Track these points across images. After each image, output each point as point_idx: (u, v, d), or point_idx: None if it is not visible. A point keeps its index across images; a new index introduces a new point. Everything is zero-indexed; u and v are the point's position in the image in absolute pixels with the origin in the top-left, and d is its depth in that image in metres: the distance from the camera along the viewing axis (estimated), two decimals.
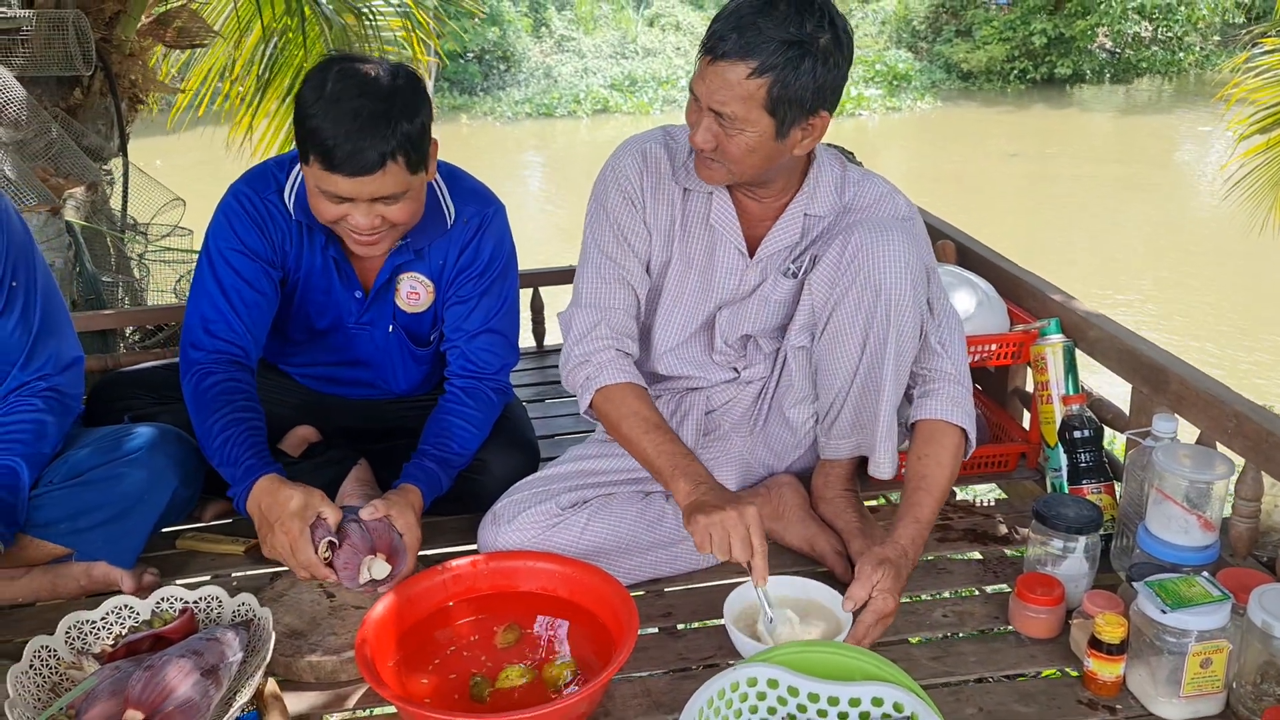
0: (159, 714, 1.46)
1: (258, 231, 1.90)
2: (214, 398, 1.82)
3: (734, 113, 1.63)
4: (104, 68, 3.73)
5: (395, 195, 1.73)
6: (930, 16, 18.32)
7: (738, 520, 1.57)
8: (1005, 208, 10.26)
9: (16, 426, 1.80)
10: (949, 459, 1.77)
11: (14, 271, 1.80)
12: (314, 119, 1.66)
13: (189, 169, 4.76)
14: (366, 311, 2.03)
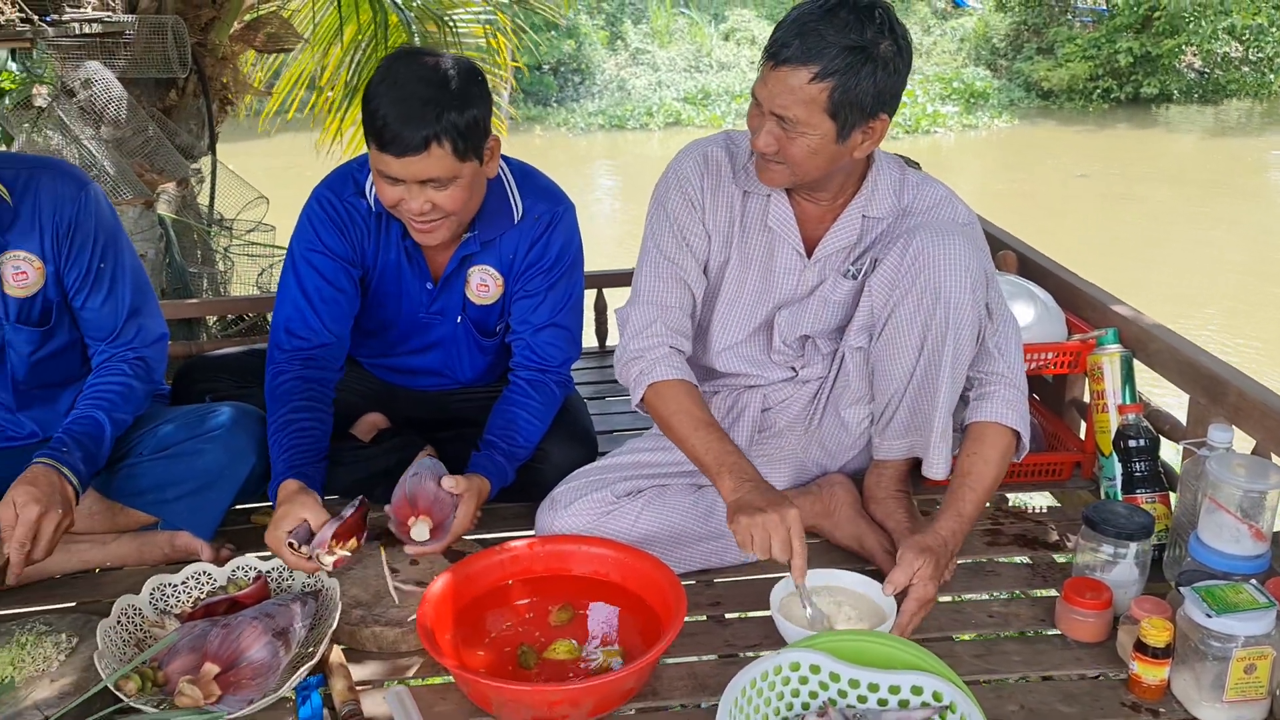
0: (233, 669, 1.56)
1: (338, 232, 2.00)
2: (278, 396, 1.94)
3: (796, 116, 1.67)
4: (198, 71, 3.92)
5: (443, 180, 1.81)
6: (1011, 34, 18.08)
7: (779, 522, 1.61)
8: (1077, 227, 10.08)
9: (105, 387, 1.92)
10: (997, 459, 1.79)
11: (103, 254, 1.93)
12: (373, 101, 1.77)
13: (274, 171, 4.95)
14: (436, 302, 2.12)
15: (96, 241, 1.91)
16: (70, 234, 1.88)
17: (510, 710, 1.54)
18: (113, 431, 1.90)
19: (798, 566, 1.62)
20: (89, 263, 1.91)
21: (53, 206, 1.87)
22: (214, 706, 1.53)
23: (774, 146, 1.73)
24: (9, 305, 1.88)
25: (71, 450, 1.81)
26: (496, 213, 2.02)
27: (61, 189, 1.88)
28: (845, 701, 1.47)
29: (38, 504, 1.70)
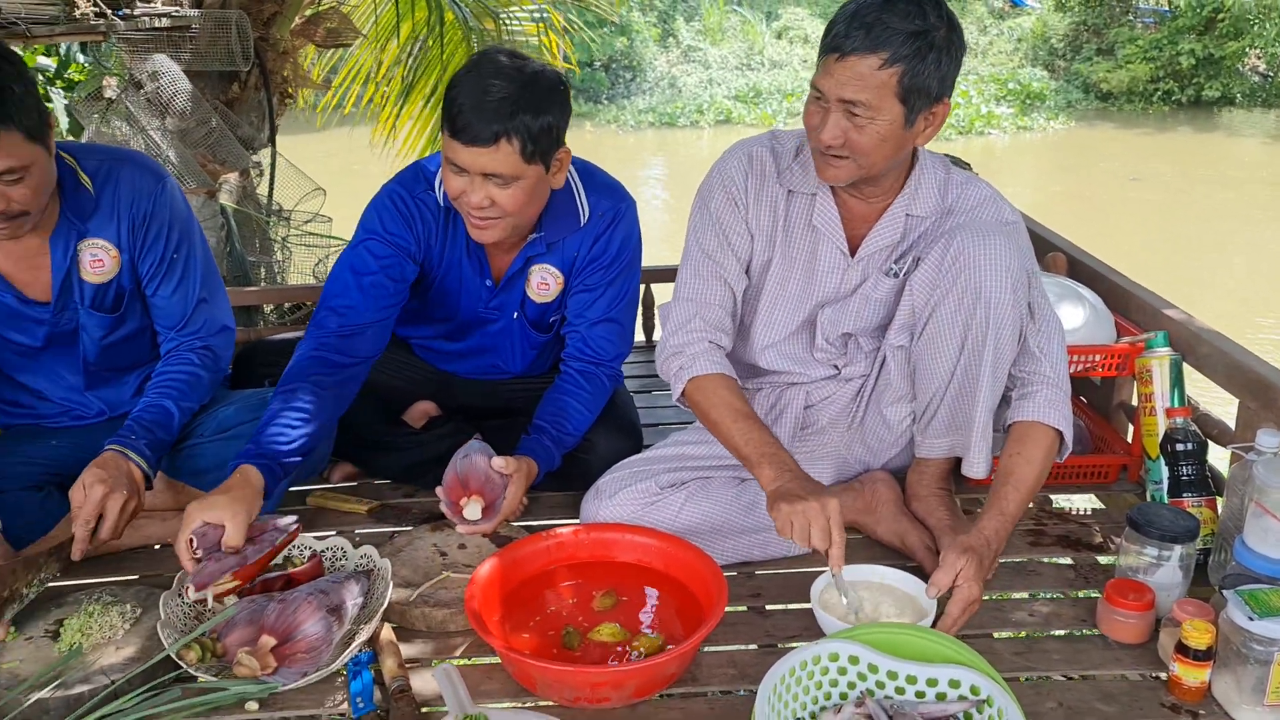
0: (289, 642, 1.62)
1: (405, 225, 2.04)
2: (300, 366, 1.94)
3: (867, 100, 1.69)
4: (260, 64, 4.02)
5: (506, 178, 1.85)
6: (1070, 34, 17.80)
7: (819, 510, 1.63)
8: (1134, 230, 9.92)
9: (173, 376, 2.00)
10: (1040, 458, 1.80)
11: (176, 245, 2.01)
12: (455, 89, 1.83)
13: (328, 164, 5.05)
14: (495, 298, 2.17)
15: (170, 233, 1.99)
16: (146, 224, 1.96)
17: (554, 690, 1.58)
18: (180, 419, 1.98)
19: (835, 555, 1.64)
20: (163, 253, 1.99)
21: (131, 197, 1.95)
22: (270, 677, 1.59)
23: (840, 139, 1.74)
24: (85, 291, 1.96)
25: (141, 437, 1.89)
26: (564, 215, 2.06)
27: (140, 181, 1.96)
28: (883, 692, 1.49)
29: (104, 485, 1.78)
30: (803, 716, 1.49)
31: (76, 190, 1.90)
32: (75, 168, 1.91)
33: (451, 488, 1.88)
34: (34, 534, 1.92)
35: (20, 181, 1.71)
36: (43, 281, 1.94)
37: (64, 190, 1.89)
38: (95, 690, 1.56)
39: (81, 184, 1.91)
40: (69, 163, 1.91)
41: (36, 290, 1.94)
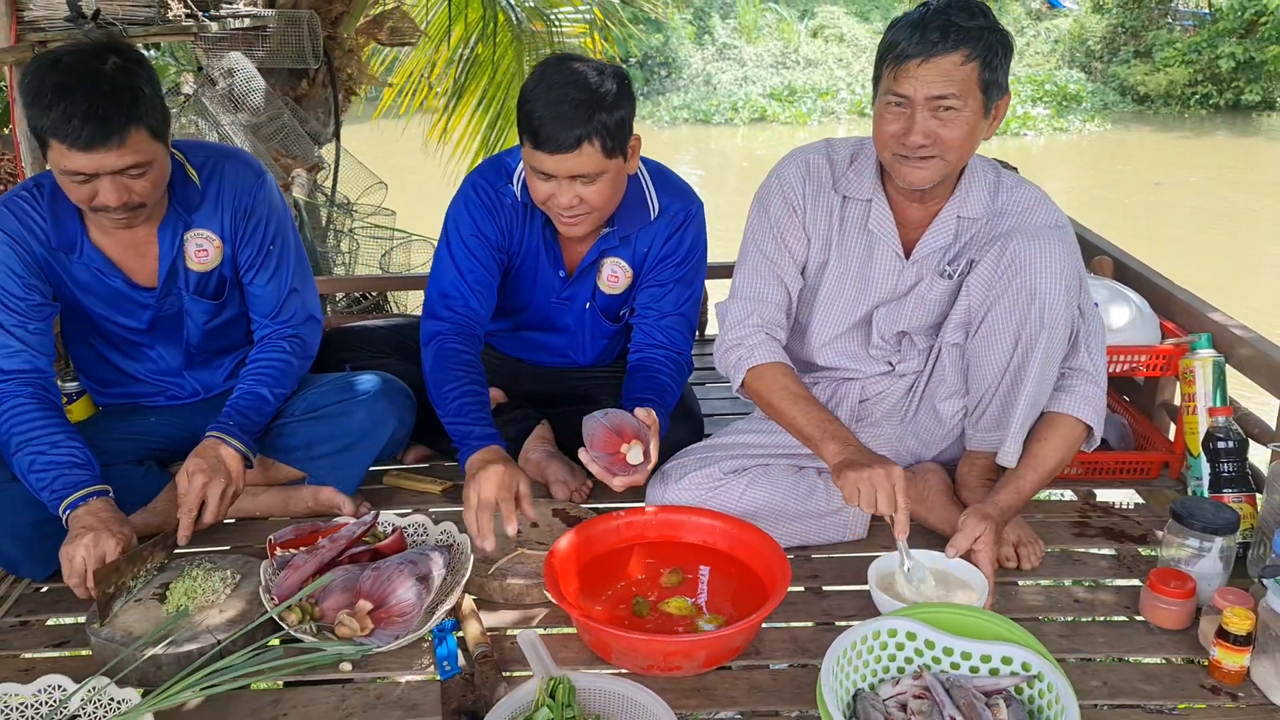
0: (383, 607, 1.75)
1: (490, 218, 2.17)
2: (454, 366, 2.07)
3: (958, 92, 1.79)
4: (328, 62, 4.16)
5: (591, 176, 1.97)
6: (1107, 36, 17.72)
7: (884, 478, 1.74)
8: (1172, 232, 9.90)
9: (267, 363, 2.13)
10: (1064, 447, 1.92)
11: (273, 238, 2.14)
12: (529, 103, 1.93)
13: (382, 159, 5.19)
14: (567, 288, 2.28)
15: (268, 226, 2.12)
16: (247, 217, 2.10)
17: (629, 659, 1.70)
18: (274, 405, 2.11)
19: (900, 521, 1.75)
20: (260, 244, 2.12)
21: (234, 192, 2.08)
22: (365, 639, 1.72)
23: (931, 137, 1.83)
24: (189, 278, 2.10)
25: (238, 424, 2.03)
26: (634, 209, 2.17)
27: (242, 176, 2.09)
28: (939, 667, 1.59)
29: (204, 475, 1.92)
30: (863, 687, 1.59)
31: (184, 184, 2.03)
32: (184, 162, 2.04)
33: (606, 440, 1.93)
34: (135, 504, 2.05)
35: (143, 176, 1.85)
36: (149, 268, 2.07)
37: (173, 183, 2.02)
38: (204, 649, 1.68)
39: (189, 178, 2.04)
40: (178, 158, 2.04)
41: (143, 276, 2.08)
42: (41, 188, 2.00)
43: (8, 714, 1.56)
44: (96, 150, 1.77)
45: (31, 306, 1.99)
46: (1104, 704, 1.64)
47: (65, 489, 1.85)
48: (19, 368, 1.96)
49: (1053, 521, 2.18)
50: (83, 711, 1.56)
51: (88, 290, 2.07)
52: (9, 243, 1.97)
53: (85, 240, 2.01)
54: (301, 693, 1.68)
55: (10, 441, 1.90)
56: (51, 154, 1.80)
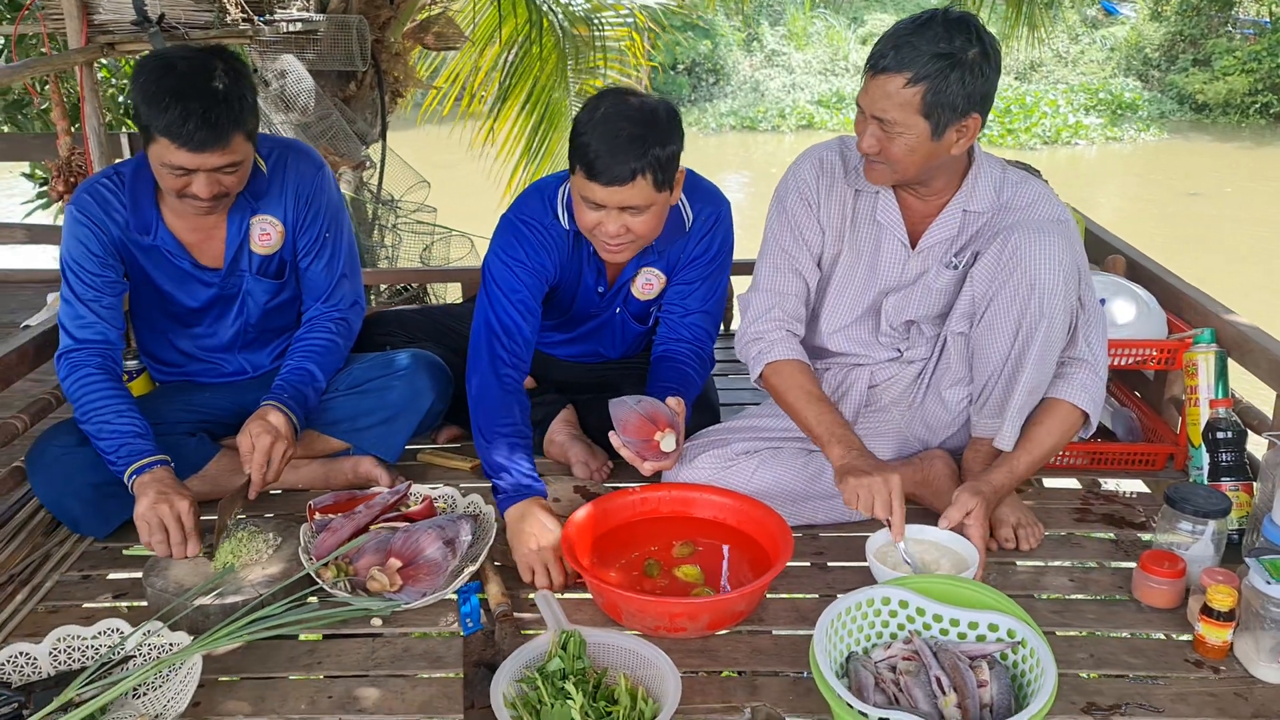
0: (412, 565, 1.88)
1: (544, 253, 2.25)
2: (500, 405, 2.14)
3: (893, 118, 1.88)
4: (375, 65, 4.34)
5: (640, 208, 2.06)
6: (1165, 44, 17.46)
7: (882, 484, 1.85)
8: (1219, 244, 9.79)
9: (315, 342, 2.29)
10: (1059, 431, 2.00)
11: (328, 225, 2.30)
12: (584, 136, 2.02)
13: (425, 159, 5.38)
14: (604, 299, 2.41)
15: (325, 214, 2.29)
16: (308, 205, 2.27)
17: (637, 620, 1.81)
18: (323, 380, 2.27)
19: (897, 525, 1.85)
20: (318, 231, 2.29)
21: (297, 181, 2.25)
22: (395, 595, 1.85)
23: (876, 148, 1.94)
24: (253, 260, 2.26)
25: (290, 395, 2.18)
26: (672, 226, 2.27)
27: (304, 166, 2.27)
28: (929, 633, 1.68)
29: (269, 435, 2.07)
30: (856, 651, 1.69)
31: (254, 172, 2.20)
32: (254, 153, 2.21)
33: (640, 427, 2.03)
34: (187, 471, 2.20)
35: (234, 172, 2.05)
36: (216, 250, 2.24)
37: None
38: (247, 600, 1.83)
39: (258, 167, 2.21)
40: None
41: (209, 258, 2.25)
42: (121, 176, 2.18)
43: (69, 652, 1.71)
44: (203, 152, 1.96)
45: (106, 283, 2.16)
46: (1089, 673, 1.72)
47: (131, 456, 2.01)
48: (91, 338, 2.13)
49: (1055, 507, 2.25)
50: (138, 652, 1.71)
51: (157, 269, 2.23)
52: (90, 225, 2.14)
53: (160, 224, 2.18)
54: (335, 644, 1.82)
55: (82, 407, 2.08)
56: (156, 148, 1.97)
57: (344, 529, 1.98)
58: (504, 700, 1.54)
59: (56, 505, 2.13)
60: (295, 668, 1.76)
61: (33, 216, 5.80)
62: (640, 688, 1.58)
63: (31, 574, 2.05)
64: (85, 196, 2.16)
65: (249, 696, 1.69)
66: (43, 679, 1.67)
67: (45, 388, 2.58)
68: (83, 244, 2.14)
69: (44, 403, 2.47)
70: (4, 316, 3.85)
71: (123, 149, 3.77)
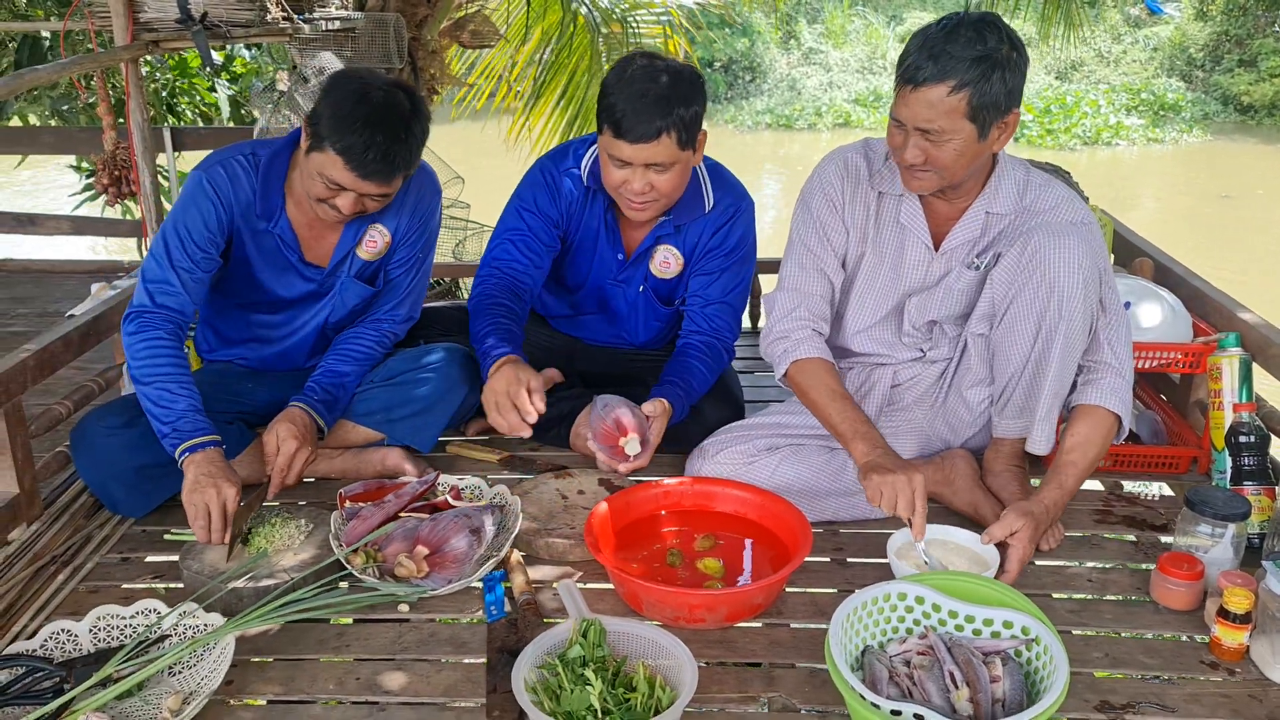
0: (439, 553, 1.93)
1: (550, 197, 2.39)
2: (484, 308, 2.31)
3: (940, 127, 1.90)
4: (411, 62, 4.41)
5: (665, 165, 2.15)
6: (1210, 44, 17.19)
7: (906, 483, 1.87)
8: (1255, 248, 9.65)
9: (358, 347, 2.35)
10: (1099, 439, 1.99)
11: (424, 246, 2.40)
12: (611, 96, 2.12)
13: (459, 155, 5.44)
14: (624, 270, 2.46)
15: (426, 235, 2.39)
16: (419, 224, 2.35)
17: (657, 610, 1.85)
18: (353, 384, 2.33)
19: (918, 524, 1.87)
20: (416, 249, 2.37)
21: (416, 199, 2.33)
22: (421, 581, 1.90)
23: (921, 158, 1.95)
24: (354, 263, 2.33)
25: (320, 398, 2.25)
26: (691, 201, 2.36)
27: (426, 189, 2.36)
28: (944, 629, 1.71)
29: (295, 440, 2.13)
30: (871, 645, 1.71)
31: None
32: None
33: (606, 433, 2.13)
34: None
35: (382, 201, 2.15)
36: (325, 250, 2.30)
37: None
38: (279, 584, 1.88)
39: None
40: None
41: (316, 256, 2.31)
42: (257, 157, 2.22)
43: (109, 630, 1.78)
44: (368, 181, 2.04)
45: (206, 259, 2.19)
46: (1104, 672, 1.73)
47: (189, 431, 2.04)
48: (170, 305, 2.15)
49: (1076, 508, 2.26)
50: (174, 631, 1.77)
51: (262, 256, 2.28)
52: (214, 199, 2.18)
53: (282, 214, 2.23)
54: (364, 628, 1.87)
55: (146, 368, 2.08)
56: (323, 159, 2.04)
57: (374, 517, 2.03)
58: (525, 685, 1.58)
59: (99, 485, 2.19)
60: (324, 650, 1.81)
61: (81, 209, 5.94)
62: (658, 676, 1.61)
63: (73, 555, 2.12)
64: (219, 170, 2.19)
65: (279, 677, 1.74)
66: (83, 655, 1.73)
67: (88, 375, 2.66)
68: (200, 215, 2.16)
69: (88, 390, 2.55)
70: (50, 306, 3.96)
71: (165, 143, 3.87)
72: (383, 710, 1.66)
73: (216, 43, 3.05)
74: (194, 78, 5.65)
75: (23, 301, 4.03)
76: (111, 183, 3.31)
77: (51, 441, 2.49)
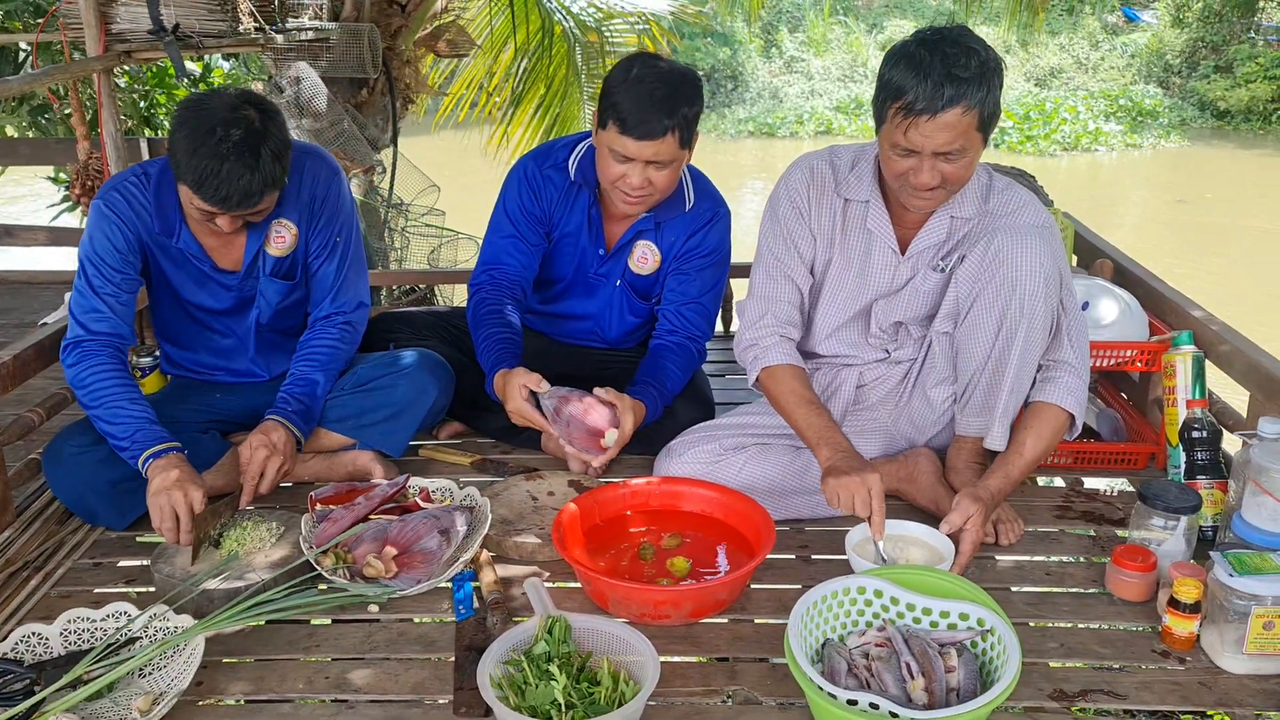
0: (407, 554, 1.96)
1: (532, 194, 2.48)
2: (482, 316, 2.41)
3: (961, 146, 1.92)
4: (386, 72, 4.44)
5: (664, 163, 2.23)
6: (1187, 50, 17.38)
7: (860, 484, 1.91)
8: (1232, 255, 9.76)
9: (319, 348, 2.36)
10: (1049, 434, 2.04)
11: (339, 230, 2.39)
12: (618, 94, 2.19)
13: (438, 164, 5.48)
14: (603, 265, 2.53)
15: (337, 218, 2.37)
16: (322, 209, 2.34)
17: (623, 607, 1.88)
18: (325, 386, 2.35)
19: (876, 522, 1.91)
20: (330, 235, 2.37)
21: (312, 185, 2.33)
22: (391, 581, 1.92)
23: (939, 179, 1.97)
24: (267, 262, 2.34)
25: (294, 408, 2.27)
26: (673, 199, 2.43)
27: (320, 171, 2.35)
28: (902, 622, 1.74)
29: (266, 449, 2.16)
30: (831, 638, 1.75)
31: None
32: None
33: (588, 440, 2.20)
34: (200, 466, 2.27)
35: (260, 214, 2.18)
36: (235, 255, 2.32)
37: None
38: (250, 585, 1.90)
39: None
40: None
41: (228, 262, 2.33)
42: (148, 176, 2.24)
43: (79, 633, 1.80)
44: (236, 211, 2.08)
45: (124, 280, 2.22)
46: (1058, 662, 1.77)
47: (146, 441, 2.07)
48: (104, 330, 2.19)
49: (1036, 504, 2.30)
50: (144, 633, 1.79)
51: (178, 271, 2.31)
52: (116, 222, 2.21)
53: (182, 227, 2.25)
54: (334, 629, 1.90)
55: (93, 393, 2.13)
56: (185, 191, 2.07)
57: (344, 519, 2.05)
58: (490, 681, 1.60)
59: (75, 502, 2.21)
60: (295, 650, 1.83)
61: (59, 220, 5.94)
62: (622, 671, 1.64)
63: (45, 561, 2.13)
64: (114, 194, 2.22)
65: (249, 676, 1.76)
66: (53, 658, 1.75)
67: (61, 383, 2.68)
68: (108, 239, 2.20)
69: (60, 398, 2.56)
70: (27, 316, 3.96)
71: (141, 153, 3.88)
72: (352, 708, 1.68)
73: (189, 53, 3.07)
74: (173, 88, 5.67)
75: (1, 313, 4.03)
76: (84, 192, 3.33)
77: (25, 449, 2.51)
